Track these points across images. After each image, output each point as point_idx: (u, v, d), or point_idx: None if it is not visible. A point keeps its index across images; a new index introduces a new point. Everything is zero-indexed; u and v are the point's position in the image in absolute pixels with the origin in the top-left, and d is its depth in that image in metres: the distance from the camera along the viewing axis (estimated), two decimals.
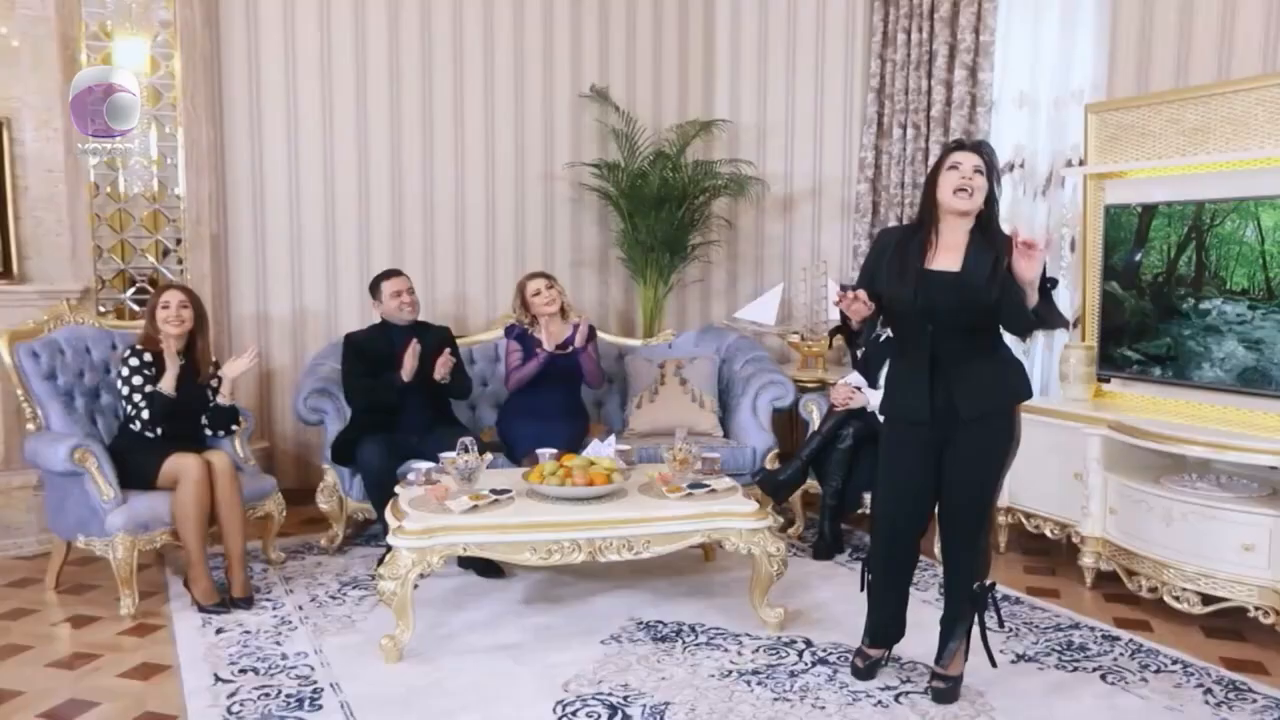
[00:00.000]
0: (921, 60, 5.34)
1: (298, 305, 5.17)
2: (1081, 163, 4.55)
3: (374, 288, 4.44)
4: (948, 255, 2.83)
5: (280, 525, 4.15)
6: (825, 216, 5.96)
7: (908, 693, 2.96)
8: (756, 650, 3.28)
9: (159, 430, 3.74)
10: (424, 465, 3.68)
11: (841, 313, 2.90)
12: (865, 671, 3.04)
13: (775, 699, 2.93)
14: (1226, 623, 3.46)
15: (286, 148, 5.06)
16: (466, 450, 3.52)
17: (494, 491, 3.45)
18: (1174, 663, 3.18)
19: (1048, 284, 2.78)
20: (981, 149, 2.85)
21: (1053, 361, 4.74)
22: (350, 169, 5.19)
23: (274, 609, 3.64)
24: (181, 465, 3.63)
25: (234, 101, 4.93)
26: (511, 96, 5.53)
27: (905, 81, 5.44)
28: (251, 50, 4.95)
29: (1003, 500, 4.30)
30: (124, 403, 3.77)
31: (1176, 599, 3.49)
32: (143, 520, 3.59)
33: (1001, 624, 3.04)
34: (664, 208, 5.45)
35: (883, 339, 4.54)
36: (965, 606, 2.90)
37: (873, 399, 4.30)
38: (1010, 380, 2.87)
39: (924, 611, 3.09)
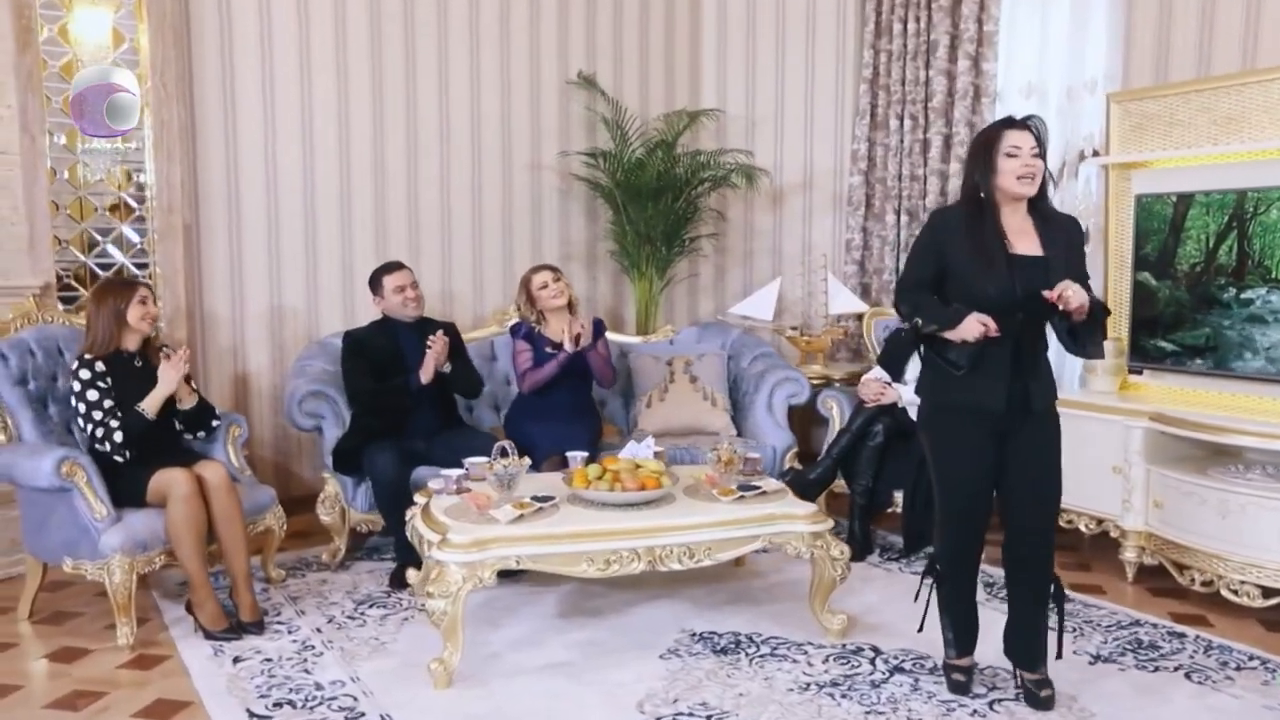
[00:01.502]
0: (919, 50, 5.26)
1: (276, 302, 4.78)
2: (1096, 153, 4.54)
3: (375, 282, 4.13)
4: (1023, 240, 2.71)
5: (280, 540, 3.80)
6: (816, 209, 5.83)
7: (1001, 700, 2.83)
8: (826, 660, 3.10)
9: (128, 454, 3.33)
10: (452, 472, 3.39)
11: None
12: (966, 684, 2.88)
13: (866, 712, 2.76)
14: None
15: (263, 133, 4.68)
16: (505, 454, 3.26)
17: (536, 499, 3.20)
18: (1250, 659, 3.11)
19: (1100, 312, 2.70)
20: (1034, 126, 2.71)
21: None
22: (331, 156, 4.84)
23: (290, 633, 3.31)
24: (168, 480, 3.26)
25: (206, 81, 4.53)
26: (498, 81, 5.25)
27: (902, 72, 5.34)
28: (224, 26, 4.55)
29: None
30: (82, 422, 3.34)
31: (1234, 592, 3.43)
32: (141, 539, 3.22)
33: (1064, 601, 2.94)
34: (662, 199, 5.24)
35: (904, 332, 4.44)
36: (1043, 606, 2.79)
37: (904, 394, 4.17)
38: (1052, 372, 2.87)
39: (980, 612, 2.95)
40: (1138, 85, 4.34)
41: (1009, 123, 2.75)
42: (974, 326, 2.64)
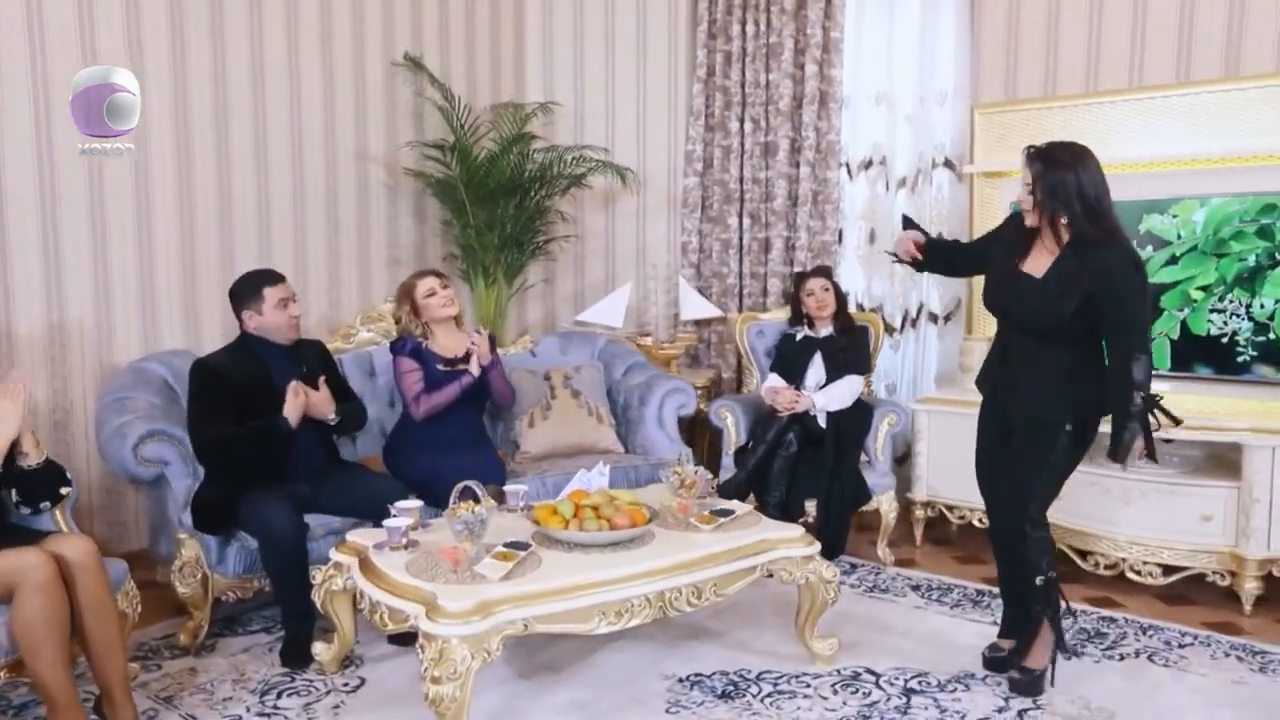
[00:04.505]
0: (759, 53, 5.22)
1: (55, 319, 3.79)
2: (949, 162, 4.75)
3: (245, 295, 3.31)
4: (1040, 259, 2.82)
5: (134, 624, 2.97)
6: (650, 211, 5.64)
7: (1028, 710, 2.80)
8: (835, 690, 2.93)
9: None
10: (399, 522, 2.81)
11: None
12: (991, 662, 3.01)
13: None
14: (1174, 589, 3.74)
15: (31, 100, 3.67)
16: (471, 495, 2.76)
17: (509, 546, 2.73)
18: (1184, 635, 3.34)
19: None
20: (1031, 159, 2.76)
21: (930, 354, 4.90)
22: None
23: None
24: (18, 566, 2.41)
25: None
26: (319, 58, 4.54)
27: (741, 74, 5.29)
28: None
29: (920, 494, 4.34)
30: None
31: (1138, 573, 3.71)
32: None
33: (1071, 612, 3.10)
34: (513, 198, 4.80)
35: (799, 337, 4.38)
36: (1029, 601, 2.91)
37: (818, 400, 4.11)
38: (1073, 393, 2.79)
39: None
40: (988, 99, 4.59)
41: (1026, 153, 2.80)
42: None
